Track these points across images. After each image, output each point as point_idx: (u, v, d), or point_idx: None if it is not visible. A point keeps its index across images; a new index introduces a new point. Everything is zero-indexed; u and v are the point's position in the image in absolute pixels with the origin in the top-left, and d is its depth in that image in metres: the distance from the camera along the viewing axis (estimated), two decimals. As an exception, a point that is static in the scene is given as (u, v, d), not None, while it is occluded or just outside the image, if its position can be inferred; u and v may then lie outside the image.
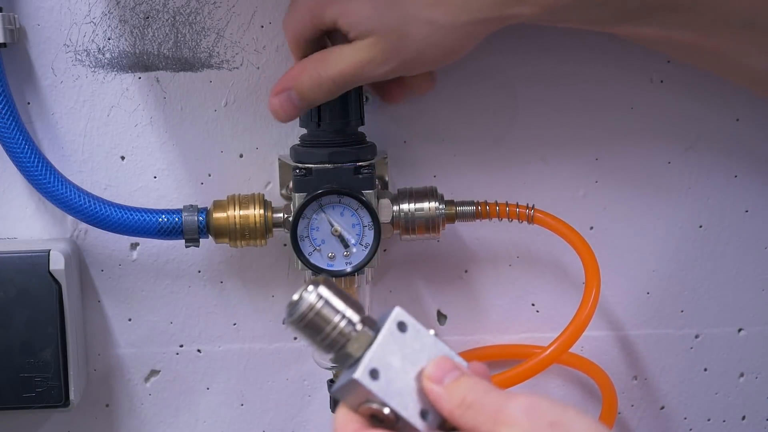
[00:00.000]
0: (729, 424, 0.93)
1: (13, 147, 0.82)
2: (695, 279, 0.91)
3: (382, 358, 0.61)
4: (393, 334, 0.62)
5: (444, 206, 0.84)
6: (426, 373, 0.62)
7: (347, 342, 0.62)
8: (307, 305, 0.62)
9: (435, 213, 0.83)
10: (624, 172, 0.89)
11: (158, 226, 0.83)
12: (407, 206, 0.83)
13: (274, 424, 0.92)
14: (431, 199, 0.83)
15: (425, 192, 0.84)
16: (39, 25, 0.84)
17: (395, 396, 0.61)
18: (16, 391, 0.83)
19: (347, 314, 0.62)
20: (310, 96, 0.78)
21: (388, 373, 0.61)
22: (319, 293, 0.62)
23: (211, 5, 0.85)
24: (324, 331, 0.62)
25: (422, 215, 0.83)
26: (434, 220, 0.83)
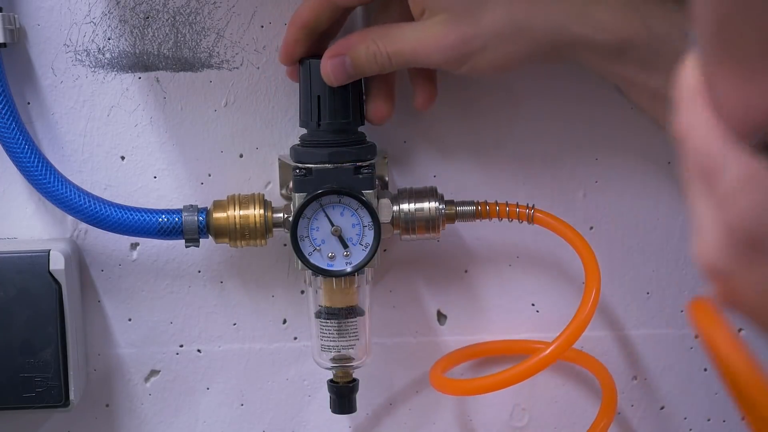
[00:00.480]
0: (729, 424, 0.93)
1: (13, 147, 0.82)
2: (695, 279, 0.91)
3: None
4: None
5: (444, 206, 0.84)
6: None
7: None
8: None
9: (435, 213, 0.83)
10: (624, 172, 0.89)
11: (158, 226, 0.83)
12: (407, 206, 0.83)
13: (274, 424, 0.92)
14: (431, 199, 0.83)
15: (425, 192, 0.84)
16: (39, 25, 0.84)
17: None
18: (16, 391, 0.83)
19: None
20: (364, 67, 0.78)
21: None
22: None
23: (211, 5, 0.85)
24: None
25: (422, 215, 0.83)
26: (434, 220, 0.83)
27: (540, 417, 0.92)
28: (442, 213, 0.83)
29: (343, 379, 0.85)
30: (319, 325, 0.84)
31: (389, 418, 0.92)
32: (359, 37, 0.78)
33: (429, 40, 0.76)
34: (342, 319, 0.83)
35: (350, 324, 0.84)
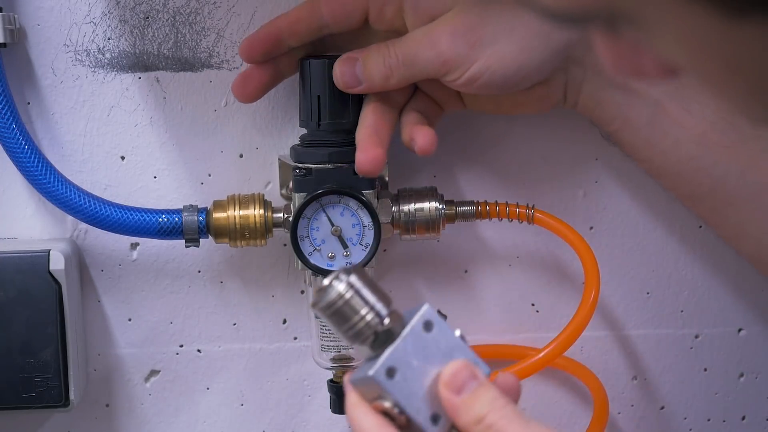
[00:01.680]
0: (729, 424, 0.93)
1: (13, 147, 0.82)
2: (695, 279, 0.91)
3: (402, 357, 0.60)
4: (417, 333, 0.61)
5: (444, 206, 0.84)
6: (443, 380, 0.61)
7: (371, 335, 0.61)
8: (336, 294, 0.61)
9: (435, 213, 0.83)
10: (624, 172, 0.89)
11: (158, 226, 0.83)
12: (407, 206, 0.83)
13: (274, 424, 0.92)
14: (431, 199, 0.83)
15: (425, 192, 0.84)
16: (39, 25, 0.84)
17: (408, 397, 0.60)
18: (16, 391, 0.83)
19: (376, 308, 0.61)
20: (372, 71, 0.77)
21: (406, 372, 0.60)
22: (350, 282, 0.61)
23: (211, 5, 0.85)
24: (350, 322, 0.61)
25: (422, 215, 0.83)
26: (434, 220, 0.83)
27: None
28: (442, 213, 0.84)
29: (343, 379, 0.85)
30: (319, 325, 0.84)
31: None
32: (374, 46, 0.78)
33: (436, 31, 0.75)
34: (342, 319, 0.83)
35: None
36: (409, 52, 0.77)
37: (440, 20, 0.76)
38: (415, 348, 0.61)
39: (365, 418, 0.61)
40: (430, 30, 0.76)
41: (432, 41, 0.76)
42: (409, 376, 0.60)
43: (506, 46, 0.75)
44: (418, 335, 0.61)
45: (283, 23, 0.80)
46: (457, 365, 0.61)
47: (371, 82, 0.78)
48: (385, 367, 0.60)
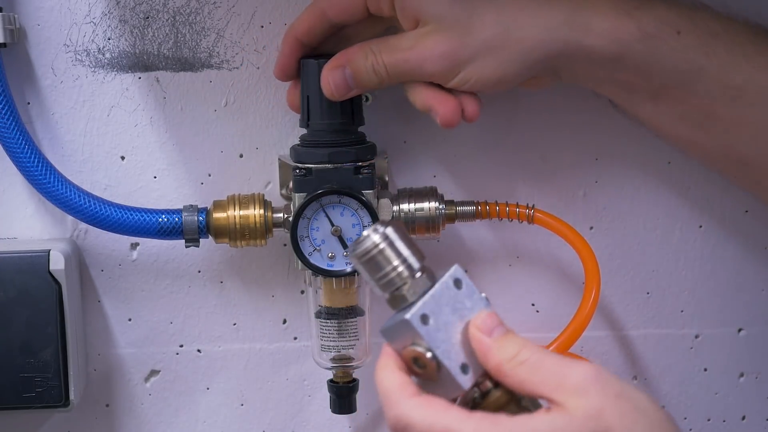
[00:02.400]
0: (729, 424, 0.93)
1: (13, 147, 0.82)
2: (695, 279, 0.91)
3: (435, 306, 0.64)
4: (448, 288, 0.65)
5: (444, 206, 0.84)
6: (474, 323, 0.64)
7: (403, 285, 0.64)
8: (371, 243, 0.64)
9: (435, 213, 0.83)
10: (624, 172, 0.89)
11: (158, 226, 0.83)
12: (407, 206, 0.83)
13: (274, 424, 0.92)
14: (431, 199, 0.83)
15: (425, 192, 0.84)
16: (39, 25, 0.84)
17: (441, 343, 0.63)
18: (16, 391, 0.83)
19: (408, 259, 0.64)
20: (364, 78, 0.78)
21: (438, 321, 0.63)
22: (385, 233, 0.64)
23: (211, 5, 0.85)
24: (383, 271, 0.64)
25: (422, 215, 0.83)
26: (434, 220, 0.83)
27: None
28: (442, 213, 0.84)
29: (343, 379, 0.85)
30: (319, 325, 0.84)
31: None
32: (358, 49, 0.78)
33: (421, 50, 0.76)
34: (342, 319, 0.83)
35: (350, 324, 0.84)
36: (396, 66, 0.77)
37: (424, 36, 0.76)
38: (446, 300, 0.64)
39: (390, 376, 0.63)
40: (414, 45, 0.76)
41: (417, 60, 0.76)
42: (441, 325, 0.63)
43: (484, 62, 0.76)
44: (450, 289, 0.65)
45: (298, 33, 0.80)
46: (487, 312, 0.65)
47: (362, 87, 0.79)
48: (420, 312, 0.63)
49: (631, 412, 0.60)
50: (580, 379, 0.60)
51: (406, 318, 0.63)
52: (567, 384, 0.60)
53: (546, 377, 0.61)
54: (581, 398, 0.59)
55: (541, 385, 0.61)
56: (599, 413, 0.59)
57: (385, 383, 0.63)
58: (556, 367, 0.61)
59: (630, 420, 0.59)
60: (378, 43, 0.78)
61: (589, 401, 0.59)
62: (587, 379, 0.60)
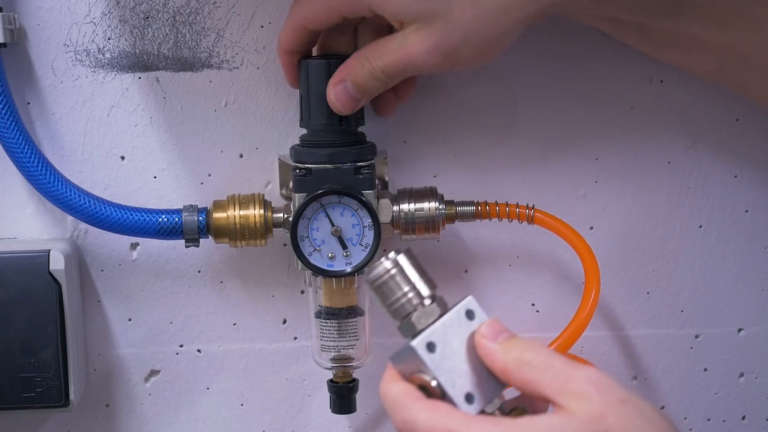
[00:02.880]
0: (729, 424, 0.93)
1: (13, 147, 0.82)
2: (695, 279, 0.91)
3: (443, 335, 0.64)
4: (459, 318, 0.65)
5: (444, 206, 0.84)
6: (479, 331, 0.64)
7: (413, 312, 0.65)
8: (383, 269, 0.65)
9: (435, 213, 0.83)
10: (624, 172, 0.89)
11: (158, 226, 0.83)
12: (407, 206, 0.83)
13: (274, 424, 0.92)
14: (431, 199, 0.83)
15: (425, 192, 0.84)
16: (39, 25, 0.84)
17: (445, 372, 0.63)
18: (16, 391, 0.83)
19: (418, 287, 0.65)
20: (366, 87, 0.78)
21: (445, 350, 0.64)
22: (396, 261, 0.65)
23: (211, 5, 0.85)
24: (393, 297, 0.65)
25: (422, 215, 0.83)
26: (434, 220, 0.83)
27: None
28: (442, 213, 0.84)
29: (343, 379, 0.85)
30: (319, 325, 0.84)
31: (389, 418, 0.92)
32: (354, 60, 0.78)
33: (410, 49, 0.76)
34: (342, 319, 0.83)
35: (350, 324, 0.84)
36: (390, 68, 0.77)
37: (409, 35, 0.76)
38: (455, 330, 0.65)
39: (393, 386, 0.64)
40: (401, 46, 0.76)
41: (409, 60, 0.76)
42: (448, 354, 0.64)
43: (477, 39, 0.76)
44: (461, 320, 0.65)
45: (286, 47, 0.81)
46: (492, 320, 0.65)
47: (368, 95, 0.79)
48: (426, 340, 0.64)
49: (632, 417, 0.60)
50: (584, 383, 0.60)
51: (411, 345, 0.63)
52: (570, 387, 0.60)
53: (550, 379, 0.61)
54: (584, 401, 0.60)
55: (545, 387, 0.61)
56: (601, 417, 0.59)
57: (392, 392, 0.64)
58: (560, 370, 0.61)
59: (631, 425, 0.59)
60: (371, 49, 0.78)
61: (591, 405, 0.59)
62: (591, 383, 0.60)
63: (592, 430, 0.59)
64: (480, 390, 0.64)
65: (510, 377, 0.62)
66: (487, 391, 0.64)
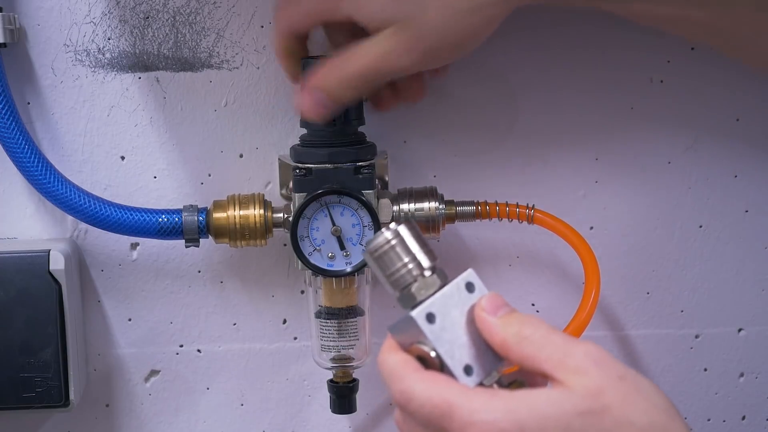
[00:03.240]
0: (729, 424, 0.93)
1: (13, 147, 0.82)
2: (695, 279, 0.91)
3: (443, 306, 0.64)
4: (459, 290, 0.65)
5: (444, 206, 0.84)
6: (480, 304, 0.64)
7: (413, 283, 0.64)
8: (384, 239, 0.65)
9: (435, 213, 0.83)
10: (624, 172, 0.89)
11: (158, 226, 0.83)
12: (407, 206, 0.83)
13: (274, 424, 0.92)
14: (431, 199, 0.83)
15: (425, 192, 0.84)
16: (39, 25, 0.84)
17: (445, 343, 0.63)
18: (16, 391, 0.83)
19: (419, 258, 0.65)
20: (338, 94, 0.78)
21: (444, 321, 0.63)
22: (397, 231, 0.65)
23: (211, 5, 0.85)
24: (393, 267, 0.64)
25: (422, 215, 0.83)
26: (434, 220, 0.83)
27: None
28: (442, 213, 0.84)
29: (343, 379, 0.85)
30: (319, 325, 0.84)
31: (389, 418, 0.92)
32: (326, 67, 0.78)
33: (387, 55, 0.76)
34: (342, 319, 0.83)
35: (350, 324, 0.84)
36: (366, 73, 0.77)
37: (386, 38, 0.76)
38: (455, 302, 0.64)
39: (391, 356, 0.63)
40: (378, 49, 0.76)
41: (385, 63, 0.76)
42: (447, 325, 0.63)
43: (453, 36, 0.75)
44: (461, 292, 0.65)
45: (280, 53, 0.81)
46: (492, 294, 0.65)
47: (341, 104, 0.78)
48: (426, 311, 0.63)
49: (631, 393, 0.60)
50: (582, 358, 0.60)
51: (411, 315, 0.63)
52: (569, 362, 0.60)
53: (549, 354, 0.61)
54: (582, 376, 0.59)
55: (544, 362, 0.61)
56: (599, 392, 0.59)
57: (389, 362, 0.63)
58: (559, 345, 0.61)
59: (630, 401, 0.59)
60: (345, 56, 0.77)
61: (590, 380, 0.59)
62: (589, 358, 0.60)
63: (590, 405, 0.59)
64: (479, 362, 0.64)
65: (509, 352, 0.62)
66: (486, 363, 0.64)
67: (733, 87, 0.87)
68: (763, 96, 0.88)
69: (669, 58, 0.87)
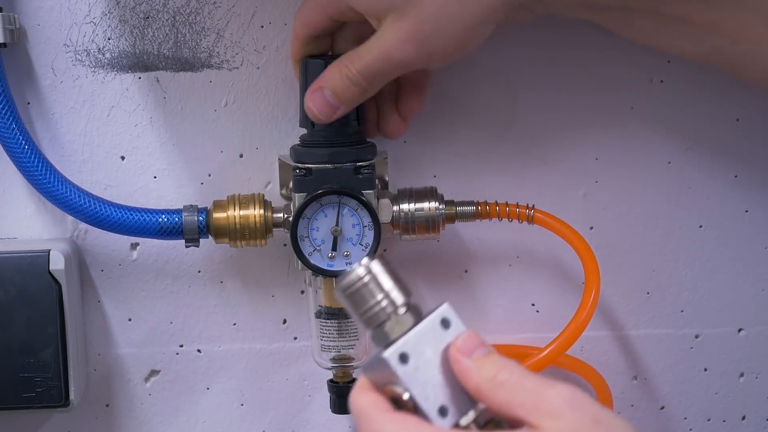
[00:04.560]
0: (729, 424, 0.93)
1: (13, 147, 0.82)
2: (695, 279, 0.91)
3: (416, 345, 0.62)
4: (434, 327, 0.63)
5: (444, 206, 0.84)
6: (455, 344, 0.62)
7: (386, 321, 0.62)
8: (356, 276, 0.63)
9: (435, 213, 0.83)
10: (624, 172, 0.89)
11: (158, 226, 0.83)
12: (407, 206, 0.83)
13: (274, 424, 0.92)
14: (431, 199, 0.83)
15: (425, 192, 0.84)
16: (39, 25, 0.84)
17: (418, 384, 0.61)
18: (16, 391, 0.83)
19: (392, 295, 0.63)
20: (344, 94, 0.78)
21: (418, 361, 0.61)
22: (369, 268, 0.63)
23: (211, 5, 0.85)
24: (366, 305, 0.62)
25: (422, 215, 0.83)
26: (434, 220, 0.83)
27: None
28: (442, 213, 0.84)
29: (343, 379, 0.85)
30: (319, 325, 0.84)
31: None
32: (332, 67, 0.78)
33: (386, 44, 0.76)
34: (342, 319, 0.83)
35: (350, 324, 0.84)
36: (369, 68, 0.77)
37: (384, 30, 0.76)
38: (430, 340, 0.62)
39: (362, 397, 0.62)
40: (378, 43, 0.76)
41: (386, 55, 0.76)
42: (421, 365, 0.61)
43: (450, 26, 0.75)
44: (435, 330, 0.63)
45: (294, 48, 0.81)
46: (468, 333, 0.63)
47: (347, 102, 0.78)
48: (398, 351, 0.61)
49: None
50: (557, 402, 0.59)
51: (383, 356, 0.61)
52: (543, 406, 0.59)
53: (523, 399, 0.59)
54: (557, 420, 0.58)
55: (519, 407, 0.59)
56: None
57: (359, 402, 0.62)
58: (533, 389, 0.60)
59: None
60: (349, 55, 0.78)
61: (564, 423, 0.58)
62: (564, 401, 0.59)
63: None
64: (454, 402, 0.62)
65: (483, 398, 0.61)
66: (462, 403, 0.62)
67: (733, 87, 0.87)
68: (763, 96, 0.88)
69: (669, 58, 0.87)
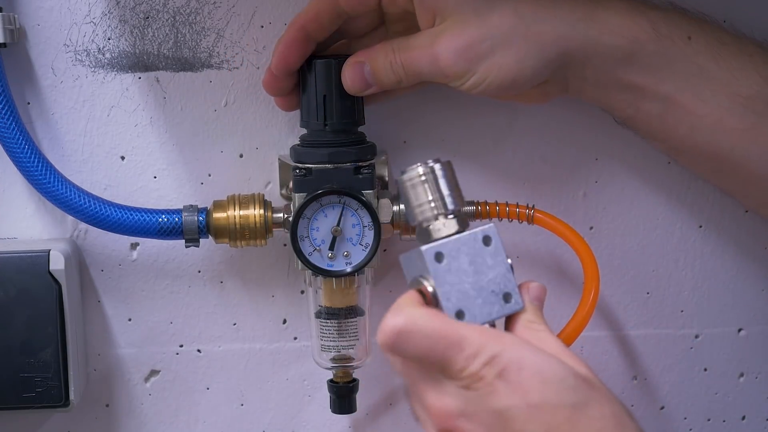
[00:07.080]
0: (729, 424, 0.93)
1: (13, 147, 0.82)
2: (695, 279, 0.91)
3: (454, 250, 0.66)
4: (475, 240, 0.67)
5: (444, 206, 0.84)
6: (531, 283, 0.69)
7: (433, 221, 0.68)
8: (416, 173, 0.69)
9: (435, 213, 0.83)
10: (624, 172, 0.89)
11: (158, 226, 0.83)
12: (407, 206, 0.83)
13: (274, 424, 0.92)
14: (431, 199, 0.83)
15: (425, 192, 0.84)
16: (39, 25, 0.84)
17: (445, 284, 0.66)
18: (16, 391, 0.83)
19: (445, 199, 0.68)
20: (382, 76, 0.78)
21: (451, 264, 0.66)
22: (432, 168, 0.68)
23: (211, 5, 0.85)
24: (419, 201, 0.68)
25: (422, 215, 0.83)
26: (434, 220, 0.83)
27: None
28: (442, 213, 0.84)
29: (343, 379, 0.85)
30: (319, 325, 0.84)
31: (389, 418, 0.92)
32: (380, 46, 0.79)
33: (437, 46, 0.76)
34: (342, 319, 0.83)
35: (350, 324, 0.84)
36: (413, 64, 0.78)
37: (441, 32, 0.76)
38: (468, 249, 0.67)
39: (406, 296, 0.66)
40: (431, 42, 0.77)
41: (433, 56, 0.77)
42: (454, 268, 0.66)
43: (502, 58, 0.76)
44: (476, 243, 0.67)
45: (305, 20, 0.79)
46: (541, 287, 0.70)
47: (381, 84, 0.79)
48: (436, 249, 0.66)
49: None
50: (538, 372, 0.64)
51: (422, 249, 0.65)
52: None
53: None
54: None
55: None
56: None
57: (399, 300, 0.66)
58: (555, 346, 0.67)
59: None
60: (398, 41, 0.78)
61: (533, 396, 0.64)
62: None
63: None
64: (471, 313, 0.66)
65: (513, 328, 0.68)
66: (479, 315, 0.66)
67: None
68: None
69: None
